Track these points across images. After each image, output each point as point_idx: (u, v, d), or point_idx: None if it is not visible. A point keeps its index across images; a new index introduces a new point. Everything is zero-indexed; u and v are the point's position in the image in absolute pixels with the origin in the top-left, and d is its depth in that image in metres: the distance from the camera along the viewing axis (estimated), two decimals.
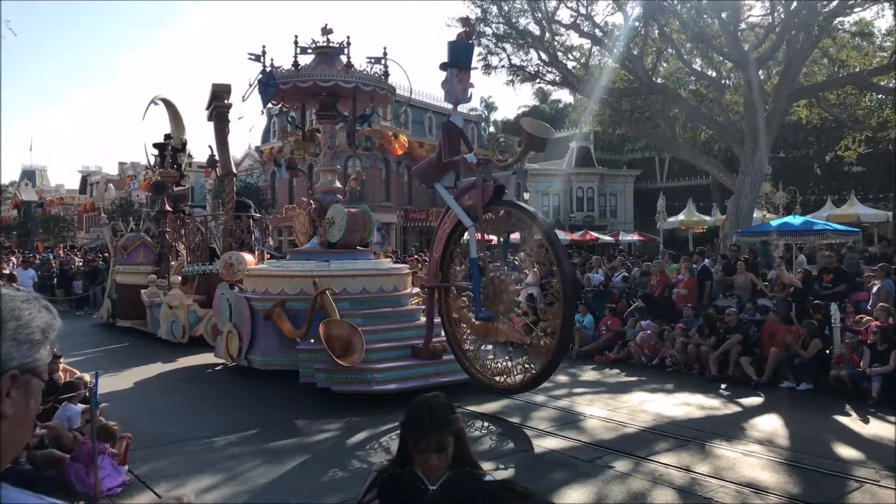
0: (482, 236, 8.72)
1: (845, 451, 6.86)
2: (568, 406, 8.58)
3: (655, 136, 26.40)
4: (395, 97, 11.81)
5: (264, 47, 10.69)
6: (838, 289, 11.85)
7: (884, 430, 7.63)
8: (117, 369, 11.05)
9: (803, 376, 9.70)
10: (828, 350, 10.02)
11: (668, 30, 21.26)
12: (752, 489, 5.65)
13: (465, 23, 9.61)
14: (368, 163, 35.04)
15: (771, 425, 7.88)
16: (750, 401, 9.16)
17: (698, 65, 24.11)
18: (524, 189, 38.18)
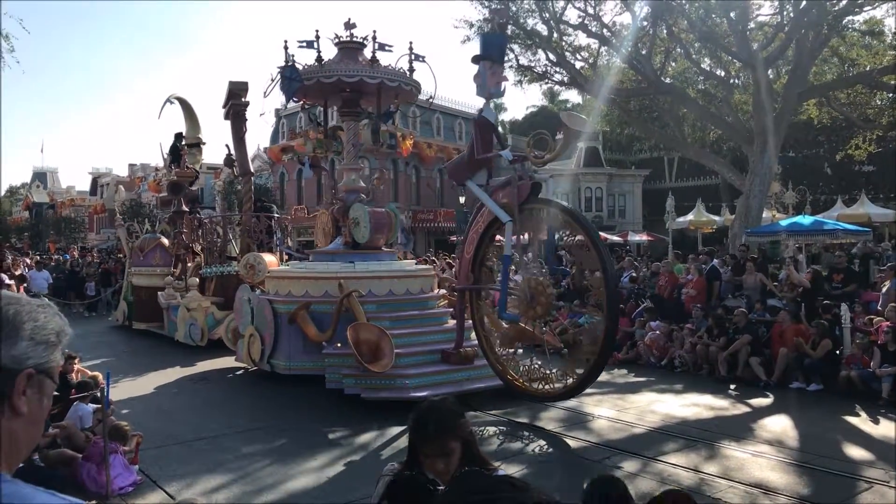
0: (517, 238, 8.30)
1: (855, 451, 6.85)
2: (576, 406, 8.56)
3: (664, 136, 26.27)
4: (419, 93, 11.35)
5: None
6: (848, 289, 11.80)
7: (894, 430, 7.57)
8: (135, 373, 10.93)
9: (813, 377, 9.67)
10: (838, 350, 9.99)
11: (676, 29, 21.16)
12: (761, 490, 5.65)
13: (499, 13, 9.14)
14: (376, 163, 35.09)
15: (780, 426, 7.86)
16: (759, 401, 9.15)
17: (707, 64, 23.98)
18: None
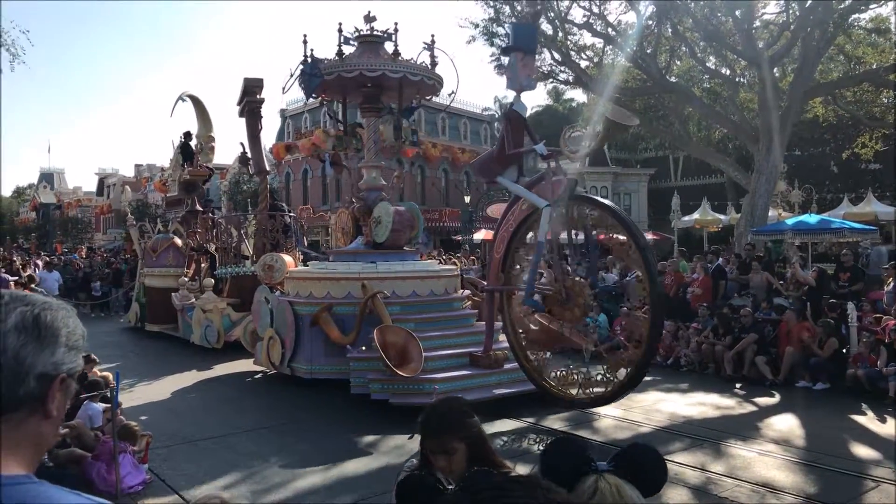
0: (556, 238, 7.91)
1: (862, 450, 6.84)
2: None
3: (669, 134, 26.23)
4: (441, 88, 11.01)
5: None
6: (855, 287, 11.77)
7: None
8: (152, 377, 10.72)
9: (819, 376, 9.66)
10: (844, 349, 9.97)
11: (681, 28, 21.14)
12: (767, 489, 5.65)
13: (531, 3, 8.94)
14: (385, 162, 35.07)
15: (786, 425, 7.85)
16: (765, 400, 9.14)
17: (712, 63, 23.95)
18: None
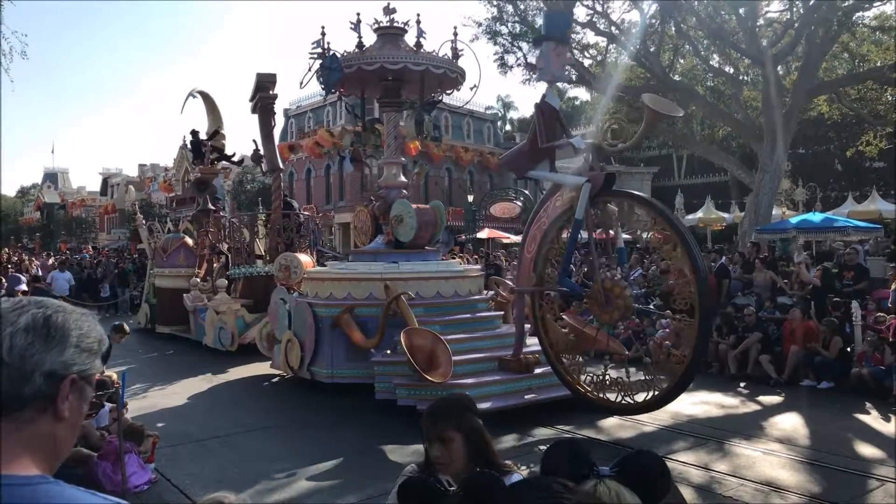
0: (601, 237, 7.77)
1: (866, 449, 6.83)
2: None
3: (673, 133, 26.21)
4: (464, 81, 10.63)
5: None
6: (859, 286, 11.74)
7: None
8: (165, 381, 10.43)
9: (824, 374, 9.64)
10: (849, 348, 9.95)
11: (684, 26, 21.11)
12: (771, 488, 5.65)
13: None
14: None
15: (791, 424, 7.85)
16: (769, 399, 9.13)
17: (716, 61, 23.93)
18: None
